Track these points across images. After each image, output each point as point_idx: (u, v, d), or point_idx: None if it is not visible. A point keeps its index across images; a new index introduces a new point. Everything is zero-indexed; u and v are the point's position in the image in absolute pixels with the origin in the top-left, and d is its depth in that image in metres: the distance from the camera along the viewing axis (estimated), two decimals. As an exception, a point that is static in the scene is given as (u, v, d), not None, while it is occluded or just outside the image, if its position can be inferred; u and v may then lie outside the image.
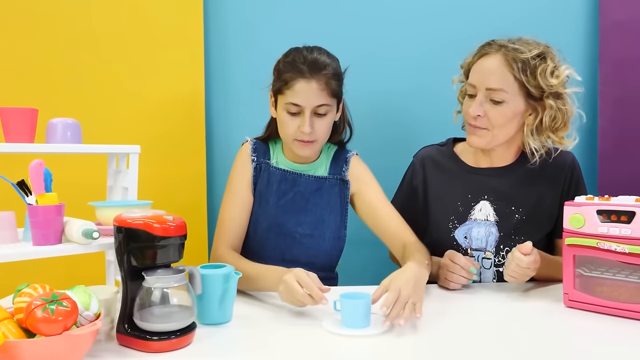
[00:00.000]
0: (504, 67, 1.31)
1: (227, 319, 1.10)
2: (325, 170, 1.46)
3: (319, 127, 1.36)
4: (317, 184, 1.44)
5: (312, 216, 1.42)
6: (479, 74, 1.35)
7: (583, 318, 1.10)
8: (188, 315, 0.97)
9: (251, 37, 1.79)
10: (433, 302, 1.22)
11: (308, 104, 1.32)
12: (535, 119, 1.34)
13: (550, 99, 1.31)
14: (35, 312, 0.80)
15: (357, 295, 1.06)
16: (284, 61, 1.38)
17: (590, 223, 1.11)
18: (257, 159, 1.45)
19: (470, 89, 1.37)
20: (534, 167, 1.37)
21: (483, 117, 1.34)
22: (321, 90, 1.32)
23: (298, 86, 1.32)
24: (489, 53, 1.34)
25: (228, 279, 1.09)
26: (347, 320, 1.05)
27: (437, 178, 1.48)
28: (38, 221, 0.98)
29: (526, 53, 1.29)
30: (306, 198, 1.43)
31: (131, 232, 0.96)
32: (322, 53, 1.37)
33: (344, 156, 1.47)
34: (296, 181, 1.44)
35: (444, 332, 1.04)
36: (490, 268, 1.42)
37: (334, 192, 1.44)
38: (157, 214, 0.99)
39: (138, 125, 1.70)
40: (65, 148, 1.12)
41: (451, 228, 1.43)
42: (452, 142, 1.54)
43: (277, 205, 1.43)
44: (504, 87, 1.31)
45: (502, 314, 1.15)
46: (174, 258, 0.99)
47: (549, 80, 1.29)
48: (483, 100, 1.33)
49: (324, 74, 1.33)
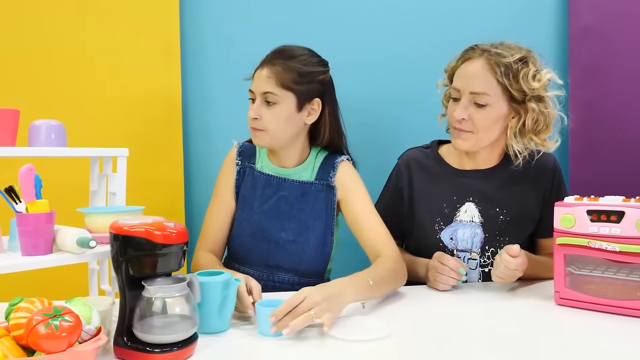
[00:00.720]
0: (487, 71, 1.33)
1: (226, 327, 1.07)
2: (312, 175, 1.43)
3: (266, 116, 1.33)
4: (302, 189, 1.41)
5: (296, 222, 1.40)
6: (462, 78, 1.37)
7: (574, 315, 1.13)
8: (190, 326, 0.94)
9: (227, 36, 1.77)
10: (423, 303, 1.24)
11: (256, 89, 1.34)
12: (518, 122, 1.36)
13: (532, 102, 1.34)
14: (37, 328, 0.75)
15: (275, 303, 1.04)
16: None
17: (581, 223, 1.14)
18: (241, 163, 1.44)
19: (454, 93, 1.39)
20: (517, 169, 1.40)
21: (467, 120, 1.36)
22: (268, 78, 1.32)
23: (256, 74, 1.36)
24: (472, 57, 1.37)
25: (227, 286, 1.06)
26: (261, 327, 1.03)
27: (422, 180, 1.50)
28: (28, 230, 0.92)
29: (508, 57, 1.32)
30: (290, 203, 1.41)
31: (130, 240, 0.92)
32: (299, 49, 1.37)
33: (332, 161, 1.43)
34: (280, 186, 1.42)
35: (434, 332, 1.05)
36: (476, 268, 1.45)
37: (320, 198, 1.41)
38: (157, 220, 0.95)
39: (114, 126, 1.65)
40: (51, 152, 1.06)
41: (437, 229, 1.45)
42: (436, 144, 1.55)
43: (261, 210, 1.40)
44: (488, 90, 1.33)
45: (493, 313, 1.17)
46: (175, 267, 0.95)
47: (531, 84, 1.32)
48: (467, 104, 1.36)
49: (280, 63, 1.32)
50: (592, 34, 1.81)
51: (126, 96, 1.67)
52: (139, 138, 1.68)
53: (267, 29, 1.76)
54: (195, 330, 0.95)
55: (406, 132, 1.80)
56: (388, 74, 1.82)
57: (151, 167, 1.68)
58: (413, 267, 1.44)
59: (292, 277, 1.40)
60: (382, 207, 1.54)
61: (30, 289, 1.20)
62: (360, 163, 1.55)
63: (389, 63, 1.82)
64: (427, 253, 1.41)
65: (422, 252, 1.45)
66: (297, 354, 0.96)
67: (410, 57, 1.82)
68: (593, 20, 1.81)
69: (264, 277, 1.38)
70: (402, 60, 1.82)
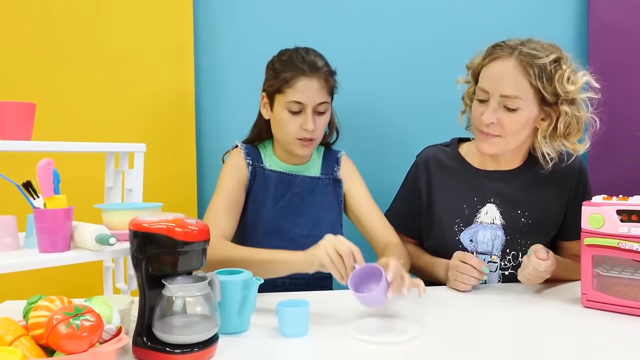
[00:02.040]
0: (519, 73, 1.26)
1: (246, 328, 1.04)
2: (318, 170, 1.46)
3: (319, 125, 1.37)
4: (312, 184, 1.44)
5: (308, 217, 1.41)
6: (492, 79, 1.30)
7: (602, 318, 1.10)
8: (211, 326, 0.91)
9: (241, 35, 1.76)
10: (444, 305, 1.21)
11: (310, 102, 1.33)
12: (550, 125, 1.30)
13: (565, 105, 1.27)
14: (58, 327, 0.73)
15: (297, 303, 1.02)
16: (281, 60, 1.37)
17: (610, 223, 1.11)
18: (252, 163, 1.42)
19: (481, 94, 1.32)
20: (542, 171, 1.35)
21: (496, 124, 1.30)
22: (322, 88, 1.34)
23: (300, 84, 1.32)
24: (501, 56, 1.28)
25: (248, 285, 1.03)
26: (282, 328, 1.01)
27: (442, 179, 1.45)
28: (46, 226, 0.89)
29: (543, 58, 1.24)
30: (302, 199, 1.42)
31: (150, 237, 0.89)
32: (316, 53, 1.39)
33: (334, 156, 1.49)
34: (292, 182, 1.43)
35: (458, 334, 1.02)
36: (496, 271, 1.41)
37: (328, 192, 1.45)
38: (177, 217, 0.93)
39: (128, 124, 1.65)
40: (69, 147, 1.03)
41: (456, 231, 1.41)
42: (456, 142, 1.51)
43: (275, 208, 1.40)
44: (520, 94, 1.26)
45: (518, 315, 1.14)
46: (196, 265, 0.93)
47: (566, 87, 1.25)
48: (496, 107, 1.28)
49: (323, 72, 1.35)
50: (612, 31, 1.77)
51: (140, 94, 1.67)
52: (153, 136, 1.66)
53: (280, 28, 1.75)
54: (216, 331, 0.93)
55: (409, 132, 1.80)
56: (400, 73, 1.80)
57: (164, 165, 1.67)
58: (432, 268, 1.41)
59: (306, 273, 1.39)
60: (401, 206, 1.51)
61: (44, 287, 1.17)
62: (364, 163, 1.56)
63: (402, 61, 1.81)
64: (446, 254, 1.37)
65: (440, 253, 1.41)
66: (320, 355, 0.94)
67: (424, 54, 1.80)
68: (613, 17, 1.77)
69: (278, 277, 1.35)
70: (416, 58, 1.81)
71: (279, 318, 1.01)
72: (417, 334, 1.00)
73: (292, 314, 1.01)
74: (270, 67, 1.39)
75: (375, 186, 1.53)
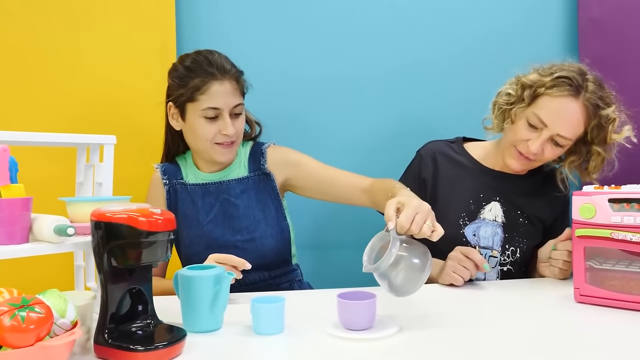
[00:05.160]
0: (582, 119, 1.27)
1: (218, 326, 0.99)
2: (245, 169, 1.41)
3: (238, 127, 1.34)
4: (241, 186, 1.39)
5: (246, 220, 1.37)
6: (554, 116, 1.27)
7: (596, 313, 1.04)
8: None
9: (224, 35, 1.73)
10: (438, 301, 1.16)
11: (226, 106, 1.30)
12: (578, 160, 1.35)
13: (599, 147, 1.31)
14: (1, 320, 0.67)
15: (272, 299, 0.97)
16: (185, 66, 1.32)
17: (602, 213, 1.06)
18: (169, 182, 1.40)
19: (536, 122, 1.29)
20: (557, 194, 1.42)
21: (539, 153, 1.31)
22: (235, 90, 1.32)
23: (213, 89, 1.29)
24: (569, 95, 1.26)
25: (220, 280, 0.98)
26: (257, 325, 0.95)
27: (449, 171, 1.45)
28: (2, 217, 0.84)
29: (606, 109, 1.27)
30: (234, 204, 1.38)
31: (112, 228, 0.84)
32: (220, 55, 1.35)
33: (259, 149, 1.43)
34: (219, 190, 1.39)
35: (448, 330, 0.96)
36: (495, 266, 1.40)
37: (260, 188, 1.39)
38: (142, 207, 0.88)
39: (110, 123, 1.61)
40: (33, 137, 0.99)
41: (462, 224, 1.40)
42: (461, 140, 1.52)
43: (208, 221, 1.37)
44: (574, 137, 1.30)
45: (510, 311, 1.09)
46: (161, 257, 0.87)
47: (612, 136, 1.29)
48: (546, 139, 1.29)
49: (233, 73, 1.32)
50: (602, 26, 1.75)
51: (122, 94, 1.63)
52: (135, 136, 1.62)
53: (263, 28, 1.73)
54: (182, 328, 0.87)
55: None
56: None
57: (146, 164, 1.62)
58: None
59: (261, 273, 1.37)
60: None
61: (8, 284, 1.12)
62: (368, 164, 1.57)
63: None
64: (446, 247, 1.30)
65: (443, 245, 1.34)
66: (296, 352, 0.88)
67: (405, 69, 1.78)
68: (602, 12, 1.76)
69: (235, 284, 1.29)
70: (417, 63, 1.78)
71: (253, 315, 0.96)
72: (397, 330, 0.94)
73: (267, 310, 0.95)
74: (174, 75, 1.34)
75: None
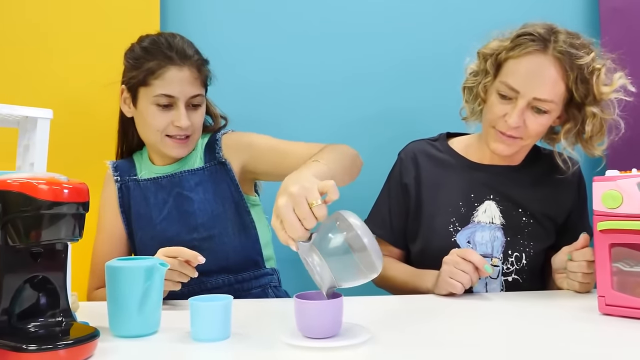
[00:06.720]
0: (557, 75, 1.10)
1: (151, 330, 0.81)
2: (201, 160, 1.25)
3: (195, 120, 1.21)
4: (195, 178, 1.23)
5: (202, 216, 1.20)
6: (524, 78, 1.11)
7: (625, 326, 0.82)
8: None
9: (210, 31, 1.62)
10: (427, 310, 0.97)
11: (182, 95, 1.17)
12: (574, 127, 1.17)
13: (594, 107, 1.13)
14: None
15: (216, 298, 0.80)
16: (142, 47, 1.20)
17: (631, 200, 0.85)
18: (120, 178, 1.25)
19: (507, 92, 1.12)
20: (559, 176, 1.21)
21: (521, 126, 1.13)
22: (195, 79, 1.19)
23: (169, 74, 1.16)
24: (535, 52, 1.11)
25: (152, 273, 0.81)
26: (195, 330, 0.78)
27: (432, 173, 1.26)
28: None
29: (584, 57, 1.10)
30: (189, 198, 1.21)
31: (7, 197, 0.69)
32: (184, 39, 1.22)
33: (214, 139, 1.27)
34: (171, 183, 1.23)
35: (440, 345, 0.77)
36: (498, 277, 1.18)
37: (218, 180, 1.23)
38: (51, 175, 0.72)
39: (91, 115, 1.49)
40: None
41: (452, 231, 1.19)
42: (445, 136, 1.32)
43: (162, 219, 1.21)
44: (555, 97, 1.11)
45: (523, 326, 0.87)
46: (67, 234, 0.71)
47: (602, 90, 1.12)
48: (524, 108, 1.11)
49: (195, 61, 1.20)
50: (624, 15, 1.63)
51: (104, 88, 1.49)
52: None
53: (250, 24, 1.63)
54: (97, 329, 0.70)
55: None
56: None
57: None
58: (418, 278, 1.16)
59: (225, 277, 1.20)
60: (384, 210, 1.29)
61: None
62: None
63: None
64: (436, 258, 1.11)
65: (429, 258, 1.16)
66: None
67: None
68: (624, 1, 1.64)
69: (195, 289, 1.13)
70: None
71: (191, 317, 0.78)
72: (366, 339, 0.75)
73: (207, 310, 0.77)
74: (129, 56, 1.21)
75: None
